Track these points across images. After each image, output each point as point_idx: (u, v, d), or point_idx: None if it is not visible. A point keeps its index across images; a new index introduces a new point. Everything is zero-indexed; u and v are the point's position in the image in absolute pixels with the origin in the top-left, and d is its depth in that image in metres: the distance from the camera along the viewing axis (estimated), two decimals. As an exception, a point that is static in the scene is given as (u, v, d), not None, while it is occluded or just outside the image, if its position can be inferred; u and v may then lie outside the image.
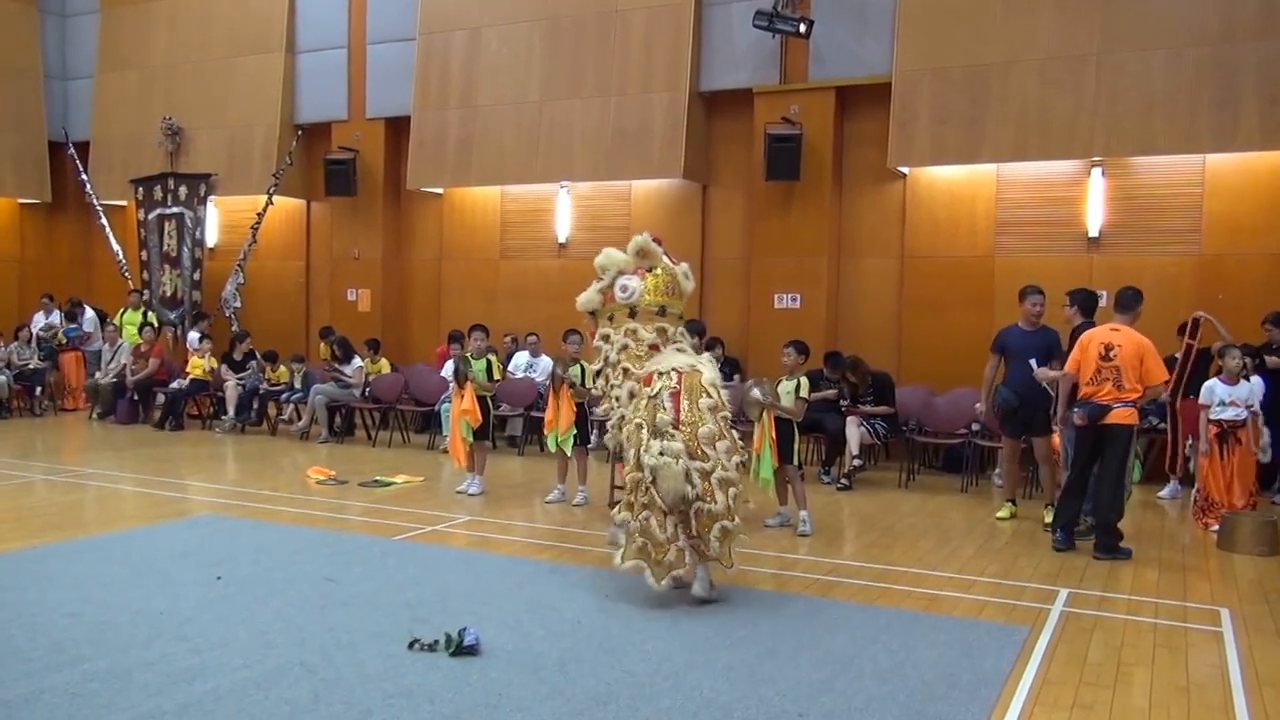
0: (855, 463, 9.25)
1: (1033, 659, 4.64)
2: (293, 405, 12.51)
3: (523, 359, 11.60)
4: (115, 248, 15.29)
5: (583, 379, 7.80)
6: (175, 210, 14.67)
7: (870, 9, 10.83)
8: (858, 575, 6.18)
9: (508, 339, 12.17)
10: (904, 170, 10.87)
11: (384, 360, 12.45)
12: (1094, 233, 10.18)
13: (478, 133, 12.71)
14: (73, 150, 15.80)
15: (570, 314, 6.85)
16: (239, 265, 14.32)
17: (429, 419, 11.73)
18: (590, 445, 8.50)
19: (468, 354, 8.70)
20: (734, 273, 11.83)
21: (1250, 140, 9.30)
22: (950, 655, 4.63)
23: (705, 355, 6.17)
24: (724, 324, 11.50)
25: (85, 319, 14.53)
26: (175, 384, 12.88)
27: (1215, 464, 7.75)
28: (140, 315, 14.08)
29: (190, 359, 13.10)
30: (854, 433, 9.27)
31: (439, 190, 13.54)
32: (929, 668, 4.46)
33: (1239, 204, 9.67)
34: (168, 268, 14.80)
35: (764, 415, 7.10)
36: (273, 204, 14.14)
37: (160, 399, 13.00)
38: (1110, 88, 9.69)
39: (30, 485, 8.78)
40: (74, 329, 14.37)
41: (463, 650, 4.48)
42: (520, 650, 4.59)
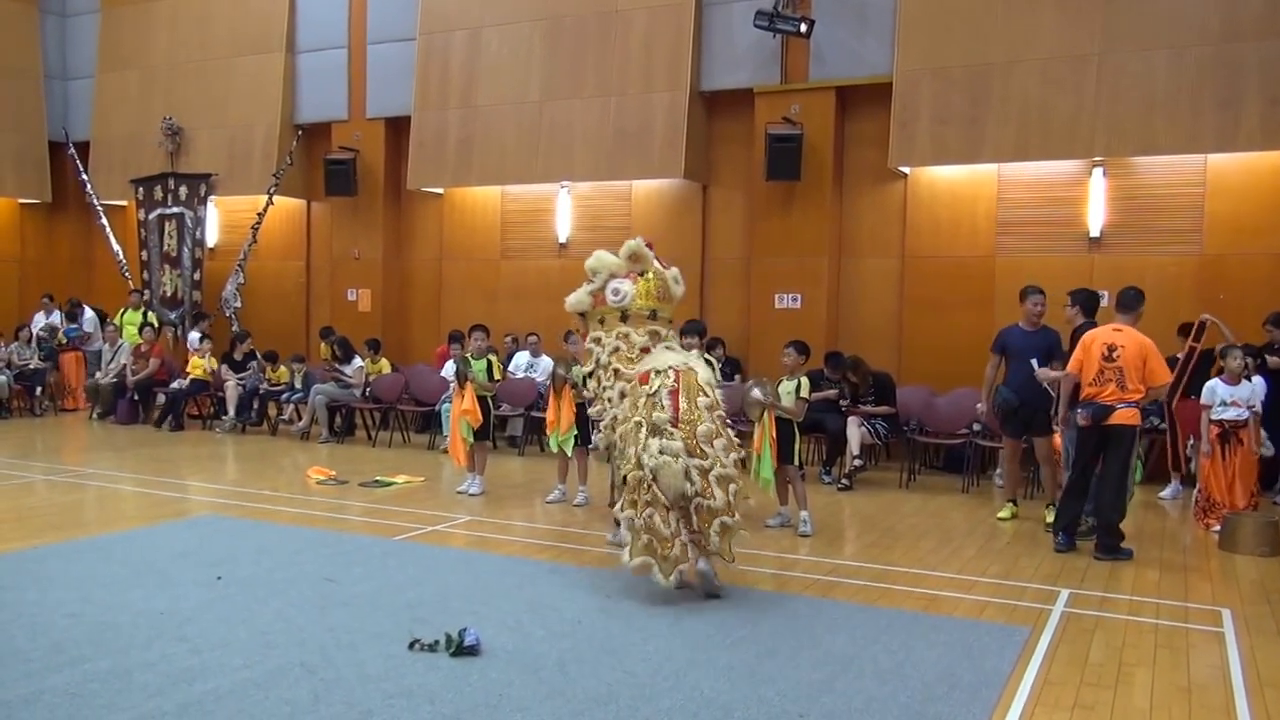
0: (856, 463, 9.25)
1: (1034, 660, 4.64)
2: (293, 405, 12.51)
3: (523, 359, 11.60)
4: (115, 248, 15.29)
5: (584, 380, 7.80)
6: (175, 210, 14.67)
7: (871, 9, 10.82)
8: (858, 575, 6.17)
9: (508, 339, 12.17)
10: (905, 170, 10.87)
11: (384, 360, 12.44)
12: (1095, 233, 10.17)
13: (478, 133, 12.71)
14: (73, 150, 15.79)
15: (571, 315, 6.84)
16: (239, 265, 14.32)
17: (429, 419, 11.73)
18: (591, 445, 8.50)
19: (468, 354, 8.70)
20: (734, 273, 11.83)
21: (1252, 140, 9.29)
22: (951, 656, 4.62)
23: (694, 353, 6.18)
24: (725, 324, 11.49)
25: (85, 319, 14.53)
26: (175, 384, 12.89)
27: (1217, 464, 7.74)
28: (140, 315, 14.07)
29: (190, 359, 13.10)
30: (855, 433, 9.26)
31: (439, 190, 13.53)
32: (929, 668, 4.45)
33: (1241, 204, 9.66)
34: (168, 268, 14.80)
35: (764, 415, 7.11)
36: (273, 204, 14.14)
37: (160, 399, 13.01)
38: (1112, 87, 9.68)
39: (30, 485, 8.78)
40: (74, 329, 14.37)
41: (463, 650, 4.47)
42: (520, 650, 4.59)
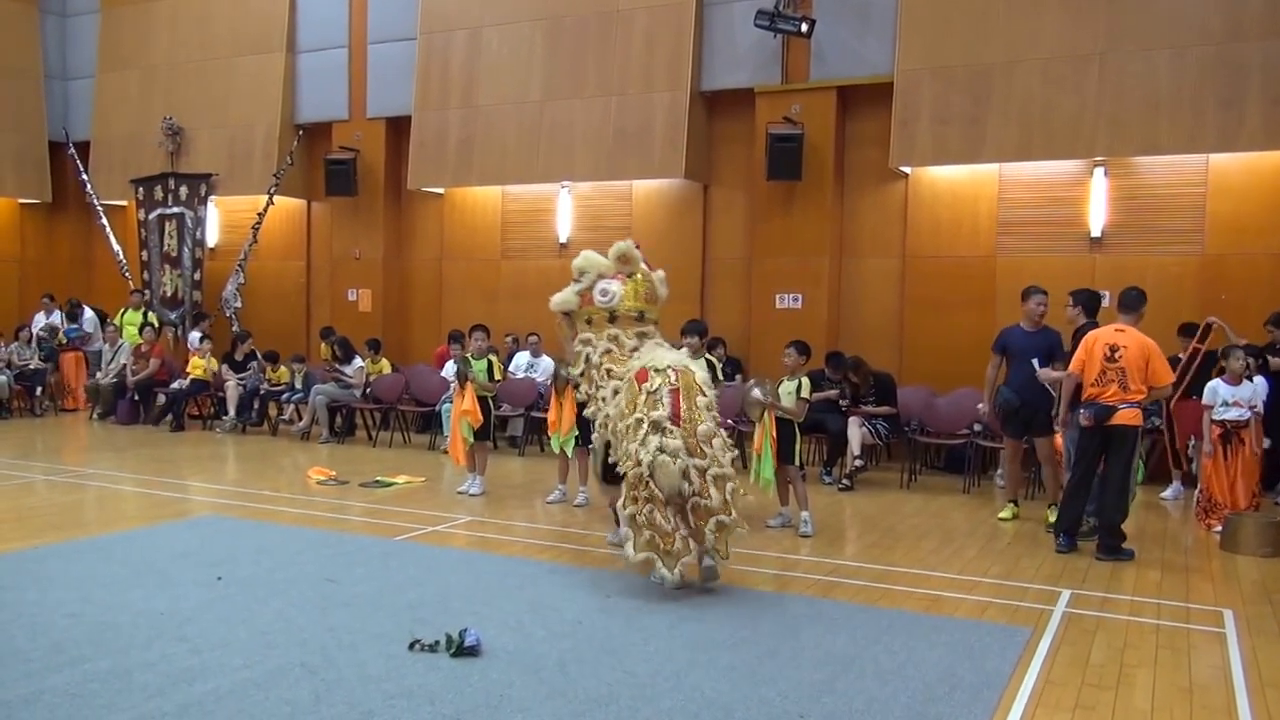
0: (857, 463, 9.24)
1: (1035, 660, 4.63)
2: (293, 405, 12.50)
3: (524, 359, 11.60)
4: (115, 248, 15.29)
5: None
6: (176, 210, 14.67)
7: (872, 8, 10.81)
8: (859, 576, 6.16)
9: (509, 339, 12.16)
10: (906, 170, 10.86)
11: (385, 360, 12.44)
12: (1096, 233, 10.16)
13: (479, 132, 12.70)
14: (73, 150, 15.79)
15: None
16: (240, 265, 14.32)
17: (430, 419, 11.72)
18: (591, 446, 8.48)
19: (469, 354, 8.69)
20: (735, 273, 11.82)
21: (1254, 140, 9.28)
22: (952, 656, 4.61)
23: (684, 351, 6.20)
24: (725, 324, 11.48)
25: (85, 319, 14.53)
26: (176, 384, 12.88)
27: (1219, 465, 7.72)
28: (141, 315, 14.07)
29: (191, 359, 13.09)
30: (855, 433, 9.25)
31: (440, 190, 13.53)
32: (931, 669, 4.45)
33: (1242, 204, 9.65)
34: (168, 268, 14.80)
35: (765, 415, 7.11)
36: (273, 204, 14.14)
37: (161, 399, 13.01)
38: (1113, 87, 9.67)
39: (31, 485, 8.78)
40: (74, 329, 14.37)
41: (464, 651, 4.47)
42: (521, 651, 4.58)
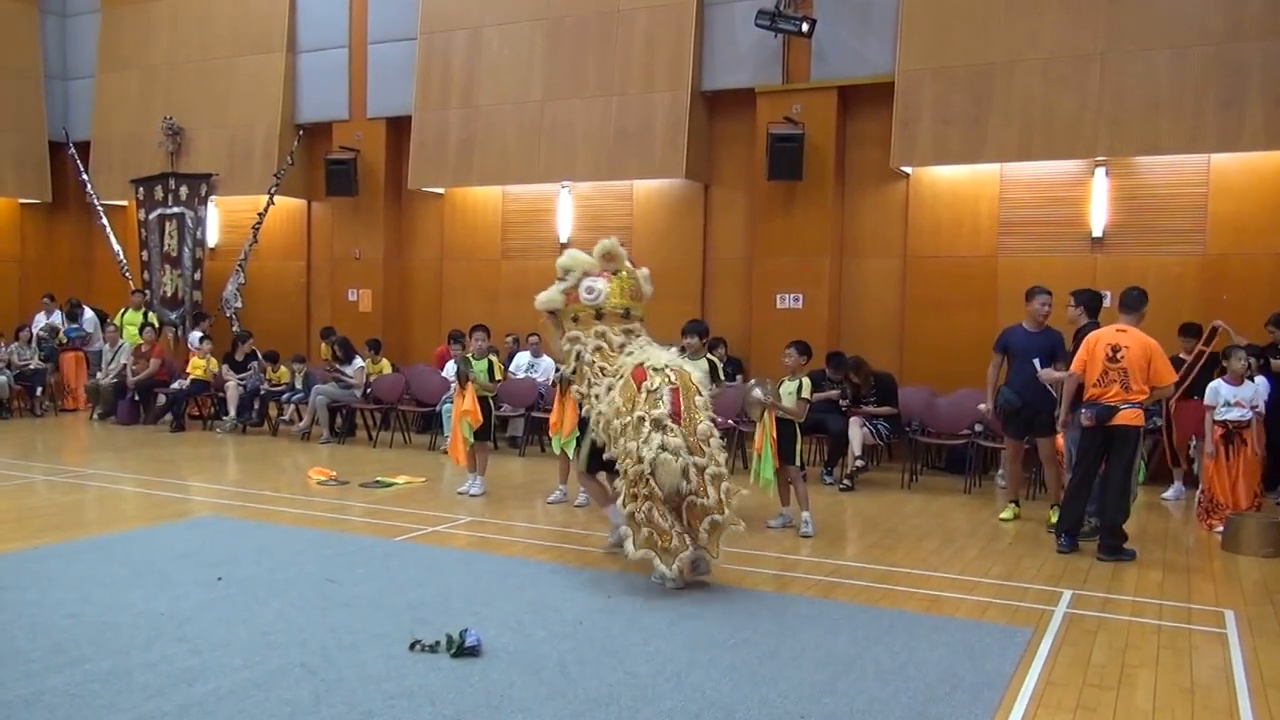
0: (858, 463, 9.23)
1: (1036, 661, 4.62)
2: (294, 406, 12.49)
3: (524, 359, 11.59)
4: (116, 248, 15.29)
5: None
6: (176, 210, 14.67)
7: (873, 8, 10.81)
8: (860, 576, 6.15)
9: (509, 339, 12.16)
10: (907, 170, 10.85)
11: (385, 361, 12.43)
12: (1098, 233, 10.15)
13: (479, 132, 12.70)
14: (73, 150, 15.79)
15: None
16: (240, 265, 14.32)
17: (430, 419, 11.71)
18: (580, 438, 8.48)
19: (469, 354, 8.68)
20: (736, 273, 11.81)
21: (1255, 140, 9.27)
22: (953, 657, 4.61)
23: (674, 350, 6.21)
24: (726, 324, 11.47)
25: (85, 319, 14.52)
26: (176, 384, 12.88)
27: (1220, 465, 7.71)
28: (141, 315, 14.06)
29: (191, 359, 13.09)
30: (856, 433, 9.24)
31: (440, 190, 13.52)
32: (931, 669, 4.44)
33: (1244, 204, 9.64)
34: (168, 268, 14.79)
35: (766, 415, 7.10)
36: (274, 204, 14.13)
37: (161, 399, 13.00)
38: (1114, 87, 9.67)
39: (31, 485, 8.77)
40: (75, 329, 14.36)
41: (464, 651, 4.46)
42: (522, 651, 4.57)
